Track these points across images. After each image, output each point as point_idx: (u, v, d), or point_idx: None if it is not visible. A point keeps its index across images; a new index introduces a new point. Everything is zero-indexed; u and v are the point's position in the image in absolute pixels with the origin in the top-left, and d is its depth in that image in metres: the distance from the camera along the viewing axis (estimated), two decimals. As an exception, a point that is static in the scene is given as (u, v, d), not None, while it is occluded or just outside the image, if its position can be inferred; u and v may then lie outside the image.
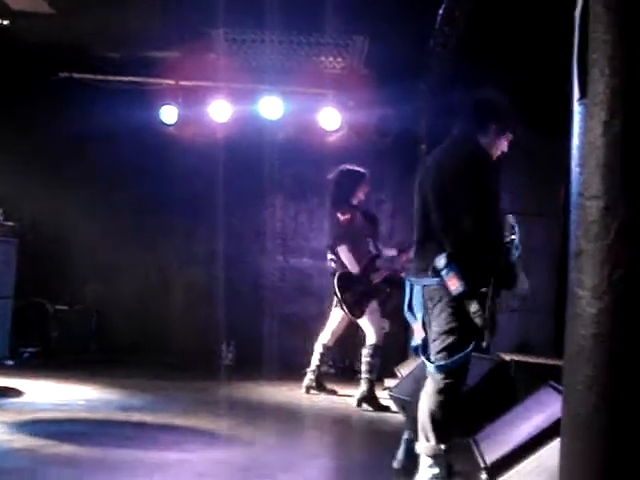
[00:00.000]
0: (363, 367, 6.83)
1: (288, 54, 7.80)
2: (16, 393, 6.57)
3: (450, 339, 4.00)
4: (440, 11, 6.23)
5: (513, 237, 4.40)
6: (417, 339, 4.31)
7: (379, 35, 7.27)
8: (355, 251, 6.88)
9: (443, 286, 3.97)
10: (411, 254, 4.56)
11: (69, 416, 5.85)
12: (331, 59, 7.98)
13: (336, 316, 7.13)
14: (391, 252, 7.22)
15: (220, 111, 8.41)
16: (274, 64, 8.05)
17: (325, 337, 7.24)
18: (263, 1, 6.29)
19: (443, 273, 3.94)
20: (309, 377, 7.28)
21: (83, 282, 9.14)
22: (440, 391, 3.99)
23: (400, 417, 6.35)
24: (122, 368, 8.09)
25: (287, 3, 6.35)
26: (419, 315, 4.19)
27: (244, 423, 6.01)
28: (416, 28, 6.78)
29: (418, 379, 4.48)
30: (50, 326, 8.59)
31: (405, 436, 4.45)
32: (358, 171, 7.04)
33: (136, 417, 5.92)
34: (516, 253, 4.31)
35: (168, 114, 8.51)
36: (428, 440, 4.00)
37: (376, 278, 6.90)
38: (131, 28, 7.48)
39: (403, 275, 7.30)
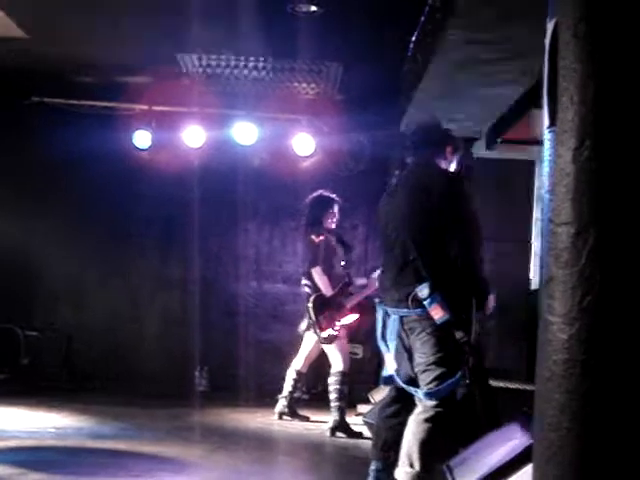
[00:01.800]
0: (332, 395, 6.80)
1: (262, 80, 7.82)
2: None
3: (439, 369, 3.99)
4: (412, 38, 6.28)
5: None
6: (389, 369, 4.28)
7: (353, 61, 7.32)
8: (328, 274, 6.87)
9: (425, 316, 3.97)
10: (379, 283, 4.57)
11: (39, 444, 5.77)
12: (305, 85, 8.02)
13: (309, 341, 7.10)
14: (361, 281, 7.22)
15: (194, 136, 8.41)
16: (248, 89, 8.07)
17: (298, 363, 7.21)
18: (237, 26, 6.30)
19: (426, 303, 3.95)
20: (282, 403, 7.24)
21: (53, 307, 9.06)
22: (430, 418, 3.99)
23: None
24: (94, 395, 8.01)
25: (261, 29, 6.38)
26: (392, 345, 4.16)
27: (217, 450, 5.96)
28: (390, 55, 6.83)
29: (384, 406, 4.48)
30: (20, 352, 8.49)
31: (372, 467, 4.41)
32: (330, 196, 7.07)
33: (108, 445, 5.85)
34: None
35: (141, 139, 8.49)
36: (412, 467, 3.98)
37: (348, 303, 6.89)
38: (104, 53, 7.47)
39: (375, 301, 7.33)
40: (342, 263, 7.07)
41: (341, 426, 6.74)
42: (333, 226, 7.05)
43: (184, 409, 7.61)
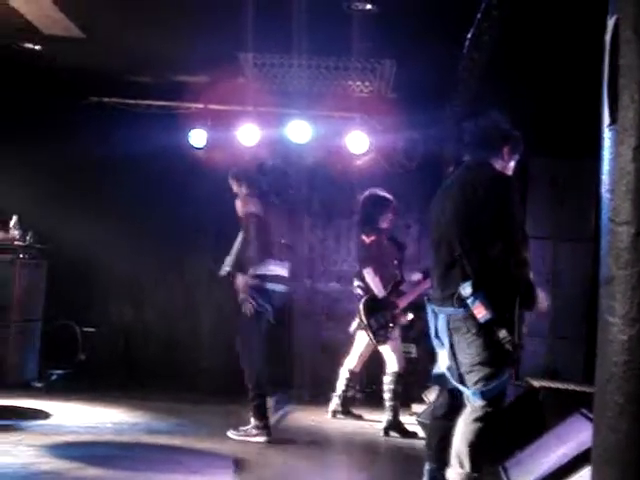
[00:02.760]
0: (386, 395, 6.79)
1: (316, 78, 7.83)
2: (44, 415, 6.60)
3: (485, 370, 3.99)
4: (468, 35, 6.23)
5: None
6: (442, 366, 4.26)
7: (407, 59, 7.28)
8: (381, 275, 6.83)
9: (470, 316, 3.97)
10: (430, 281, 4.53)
11: (96, 439, 5.87)
12: (359, 83, 8.00)
13: (362, 340, 7.10)
14: (416, 277, 7.17)
15: (249, 135, 8.46)
16: (302, 88, 8.08)
17: (351, 362, 7.21)
18: (291, 26, 6.32)
19: (469, 302, 3.95)
20: (335, 402, 7.25)
21: (110, 304, 9.20)
22: (479, 419, 3.98)
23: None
24: (150, 390, 8.09)
25: (315, 27, 6.38)
26: (446, 341, 4.15)
27: (271, 447, 5.99)
28: (444, 52, 6.78)
29: (437, 406, 4.45)
30: (78, 348, 8.64)
31: (427, 467, 4.38)
32: (385, 197, 7.02)
33: (164, 440, 5.93)
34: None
35: (197, 138, 8.57)
36: (462, 467, 3.96)
37: (401, 303, 6.85)
38: (162, 53, 7.55)
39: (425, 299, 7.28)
40: (395, 262, 7.04)
41: (395, 425, 6.73)
42: (387, 225, 7.01)
43: (239, 406, 7.64)
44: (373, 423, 7.14)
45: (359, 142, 8.41)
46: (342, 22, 6.29)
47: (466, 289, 3.96)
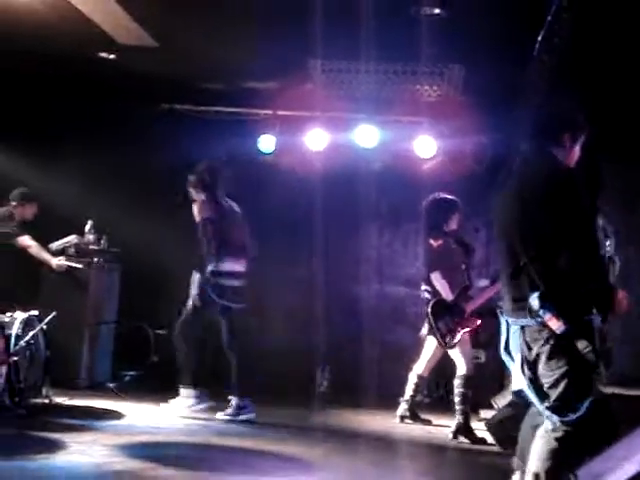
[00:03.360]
0: (456, 399, 6.76)
1: (384, 83, 7.84)
2: (117, 416, 6.75)
3: (566, 384, 3.73)
4: (539, 38, 6.17)
5: (608, 247, 4.17)
6: (518, 383, 4.11)
7: (475, 62, 7.25)
8: (448, 279, 6.81)
9: (545, 326, 3.73)
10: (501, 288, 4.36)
11: (168, 439, 5.98)
12: (427, 87, 7.99)
13: (430, 345, 7.08)
14: (483, 283, 7.12)
15: (317, 140, 8.51)
16: (370, 93, 8.10)
17: (420, 367, 7.20)
18: (359, 32, 6.35)
19: (540, 314, 3.71)
20: (403, 406, 7.24)
21: (181, 308, 9.32)
22: (560, 438, 3.76)
23: (496, 449, 6.26)
24: (220, 392, 8.17)
25: (383, 33, 6.40)
26: (517, 357, 3.92)
27: (338, 451, 6.02)
28: (513, 55, 6.73)
29: (528, 417, 4.28)
30: (150, 350, 8.80)
31: (516, 477, 4.24)
32: (451, 199, 7.00)
33: (233, 442, 6.01)
34: (615, 268, 4.14)
35: (266, 143, 8.66)
36: None
37: (469, 307, 6.81)
38: (232, 60, 7.66)
39: (498, 304, 7.21)
40: (463, 267, 7.00)
41: (464, 430, 6.69)
42: (453, 228, 6.98)
43: (306, 409, 7.71)
44: (441, 428, 7.11)
45: (427, 146, 8.40)
46: (410, 27, 6.29)
47: (534, 301, 3.72)
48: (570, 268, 3.71)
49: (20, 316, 6.78)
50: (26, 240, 7.75)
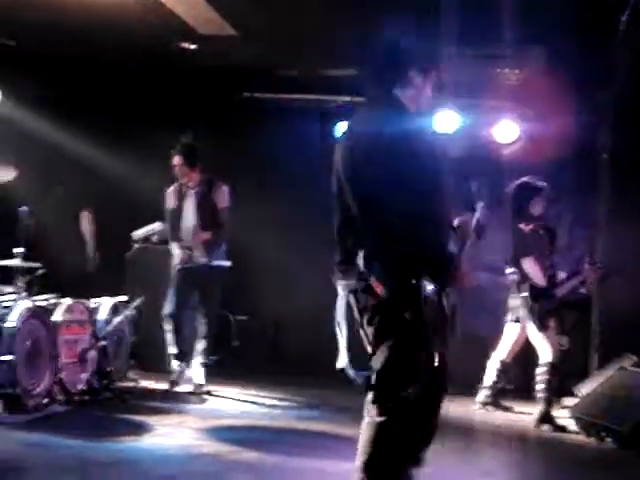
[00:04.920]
0: (539, 386, 6.67)
1: (464, 67, 7.75)
2: (201, 400, 6.89)
3: (390, 363, 3.32)
4: (622, 17, 6.02)
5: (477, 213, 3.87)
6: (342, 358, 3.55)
7: (557, 45, 7.12)
8: (539, 264, 6.73)
9: (373, 291, 3.26)
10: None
11: (251, 423, 6.08)
12: (508, 70, 7.87)
13: (513, 332, 7.00)
14: (561, 275, 6.98)
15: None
16: (450, 78, 8.02)
17: (503, 352, 7.13)
18: (440, 16, 6.30)
19: (366, 276, 3.25)
20: (485, 393, 7.19)
21: (262, 293, 9.44)
22: (381, 424, 3.38)
23: (580, 438, 6.18)
24: (300, 378, 8.25)
25: (462, 16, 6.34)
26: (344, 327, 3.50)
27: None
28: (596, 36, 6.59)
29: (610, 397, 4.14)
30: (231, 335, 8.93)
31: None
32: (535, 184, 6.91)
33: (315, 427, 6.07)
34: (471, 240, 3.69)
35: (342, 130, 8.66)
36: None
37: (560, 292, 6.71)
38: (309, 48, 7.68)
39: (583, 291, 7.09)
40: (548, 252, 6.90)
41: (547, 418, 6.61)
42: (539, 213, 6.89)
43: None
44: (523, 415, 7.04)
45: (509, 131, 8.29)
46: (491, 9, 6.22)
47: (360, 261, 3.26)
48: (399, 229, 3.19)
49: (108, 302, 6.97)
50: None
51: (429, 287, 3.19)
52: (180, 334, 7.18)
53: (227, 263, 7.39)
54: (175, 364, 7.20)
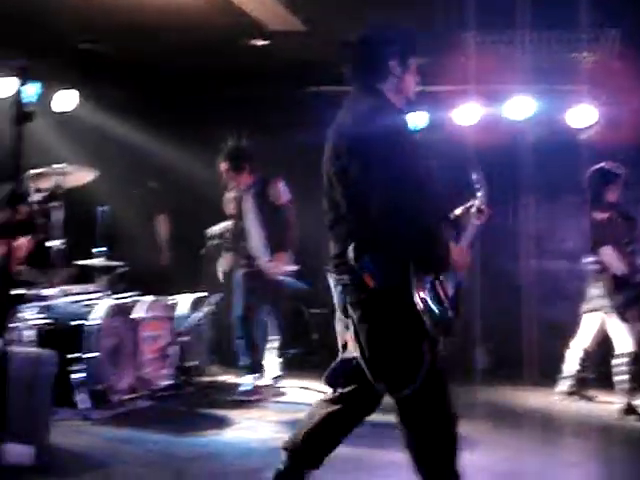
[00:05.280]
0: (621, 377, 6.52)
1: (539, 52, 7.62)
2: (282, 393, 6.94)
3: (392, 355, 3.30)
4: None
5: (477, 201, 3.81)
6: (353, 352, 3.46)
7: (632, 26, 6.94)
8: (618, 252, 6.56)
9: (365, 284, 3.21)
10: None
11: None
12: (584, 54, 7.69)
13: (593, 321, 6.86)
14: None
15: (468, 114, 8.39)
16: (524, 63, 7.89)
17: (585, 341, 6.99)
18: (514, 1, 6.21)
19: (357, 268, 3.21)
20: (567, 383, 7.07)
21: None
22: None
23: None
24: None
25: (537, 1, 6.23)
26: (341, 321, 3.47)
27: (501, 428, 5.97)
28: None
29: None
30: (310, 329, 8.98)
31: None
32: (609, 169, 6.74)
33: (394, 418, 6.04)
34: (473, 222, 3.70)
35: (417, 120, 8.61)
36: None
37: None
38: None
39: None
40: (626, 240, 6.72)
41: (631, 409, 6.47)
42: (614, 200, 6.73)
43: (466, 386, 7.63)
44: (606, 405, 6.90)
45: (585, 115, 8.12)
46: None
47: (350, 253, 3.22)
48: (388, 223, 3.15)
49: (187, 298, 7.09)
50: None
51: (427, 280, 3.20)
52: (251, 338, 6.91)
53: (293, 267, 7.11)
54: (247, 379, 6.80)
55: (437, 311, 3.22)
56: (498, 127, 8.38)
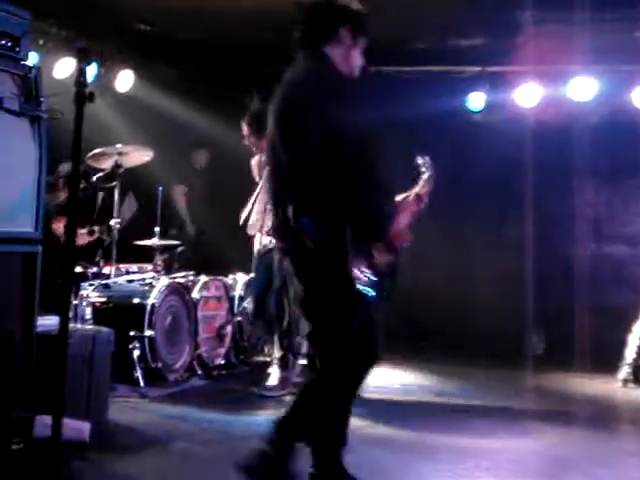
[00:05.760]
0: None
1: (599, 32, 7.44)
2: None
3: (321, 312, 3.39)
4: None
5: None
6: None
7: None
8: None
9: (303, 245, 3.28)
10: None
11: (385, 398, 6.10)
12: (645, 33, 7.51)
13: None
14: None
15: (528, 95, 8.26)
16: (584, 43, 7.72)
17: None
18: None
19: (296, 228, 3.28)
20: (626, 370, 6.95)
21: (395, 271, 9.38)
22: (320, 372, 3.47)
23: None
24: (432, 354, 8.22)
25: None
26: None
27: (556, 414, 5.89)
28: None
29: None
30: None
31: None
32: None
33: (451, 402, 6.04)
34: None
35: (475, 101, 8.51)
36: None
37: None
38: (437, 18, 7.54)
39: None
40: None
41: None
42: None
43: (521, 371, 7.55)
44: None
45: (648, 96, 7.93)
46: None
47: (289, 214, 3.29)
48: (327, 182, 3.23)
49: (242, 278, 7.12)
50: None
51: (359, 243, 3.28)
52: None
53: None
54: (276, 372, 6.15)
55: (371, 277, 3.33)
56: (559, 108, 8.23)
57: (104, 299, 5.98)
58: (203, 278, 6.64)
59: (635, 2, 6.70)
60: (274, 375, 6.05)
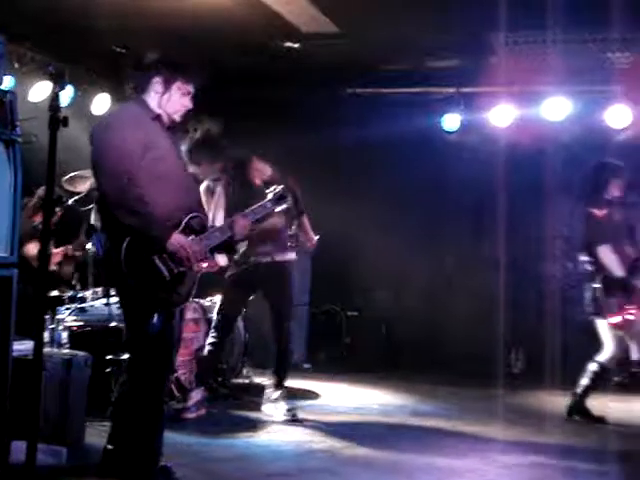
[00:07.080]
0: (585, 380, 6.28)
1: (572, 52, 7.55)
2: (314, 395, 6.95)
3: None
4: None
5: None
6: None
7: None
8: (616, 253, 6.11)
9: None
10: None
11: (363, 419, 6.10)
12: (618, 54, 7.61)
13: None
14: None
15: (503, 116, 8.35)
16: (557, 64, 7.82)
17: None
18: (545, 1, 6.16)
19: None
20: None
21: (372, 289, 9.44)
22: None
23: None
24: (411, 374, 8.24)
25: (568, 1, 6.17)
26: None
27: (537, 432, 5.90)
28: None
29: None
30: (342, 332, 8.98)
31: None
32: (612, 163, 6.36)
33: (428, 423, 6.03)
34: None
35: (450, 122, 8.59)
36: None
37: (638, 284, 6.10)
38: (411, 41, 7.62)
39: None
40: (626, 240, 6.34)
41: (578, 408, 6.24)
42: (616, 196, 6.25)
43: (499, 390, 7.58)
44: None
45: (620, 116, 8.02)
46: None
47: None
48: (106, 207, 3.80)
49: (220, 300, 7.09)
50: None
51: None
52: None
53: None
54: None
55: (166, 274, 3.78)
56: (533, 128, 8.32)
57: (81, 323, 5.94)
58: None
59: (607, 23, 6.79)
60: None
